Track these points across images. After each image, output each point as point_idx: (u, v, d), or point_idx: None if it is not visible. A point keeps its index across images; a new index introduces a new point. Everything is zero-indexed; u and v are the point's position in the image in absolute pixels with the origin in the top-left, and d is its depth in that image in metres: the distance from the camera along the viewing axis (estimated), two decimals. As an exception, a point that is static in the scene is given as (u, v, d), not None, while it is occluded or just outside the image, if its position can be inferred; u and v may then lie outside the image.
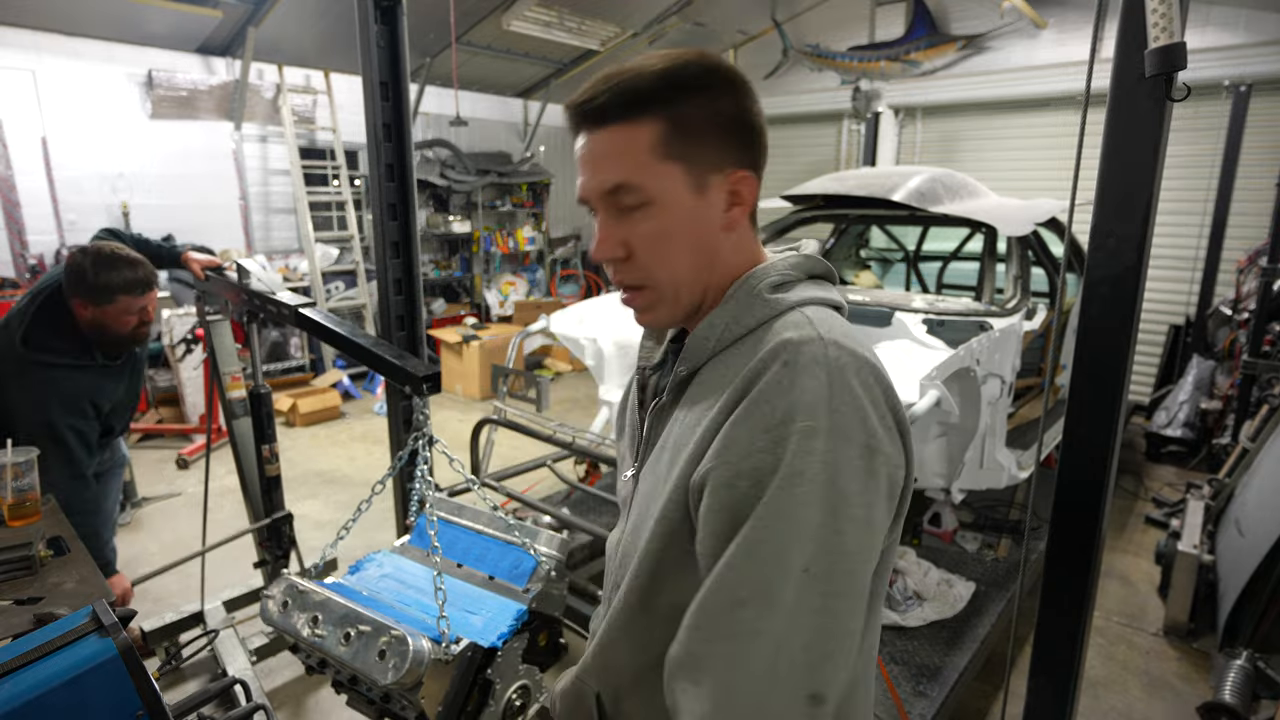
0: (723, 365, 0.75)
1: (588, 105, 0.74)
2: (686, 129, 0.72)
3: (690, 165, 0.73)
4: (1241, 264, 4.84)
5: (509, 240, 8.12)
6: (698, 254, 0.76)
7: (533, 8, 5.95)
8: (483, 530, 1.68)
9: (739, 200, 0.76)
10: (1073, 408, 1.49)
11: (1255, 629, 2.70)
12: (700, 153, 0.73)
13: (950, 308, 2.83)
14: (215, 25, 5.31)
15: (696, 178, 0.73)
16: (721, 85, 0.73)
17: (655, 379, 0.89)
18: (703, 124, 0.72)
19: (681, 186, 0.73)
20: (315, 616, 1.33)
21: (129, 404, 2.38)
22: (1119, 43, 1.31)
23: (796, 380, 0.66)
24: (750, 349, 0.73)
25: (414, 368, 1.67)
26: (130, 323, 2.14)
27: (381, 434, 5.42)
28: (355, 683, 1.35)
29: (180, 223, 5.68)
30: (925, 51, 6.30)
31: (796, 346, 0.68)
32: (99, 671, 0.91)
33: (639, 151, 0.72)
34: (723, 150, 0.74)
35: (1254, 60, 4.99)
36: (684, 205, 0.74)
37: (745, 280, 0.77)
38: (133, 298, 2.10)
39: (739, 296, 0.76)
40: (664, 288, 0.77)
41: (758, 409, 0.67)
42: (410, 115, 2.42)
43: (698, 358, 0.77)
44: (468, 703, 1.35)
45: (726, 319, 0.76)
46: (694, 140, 0.72)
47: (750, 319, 0.75)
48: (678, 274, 0.76)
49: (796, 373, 0.66)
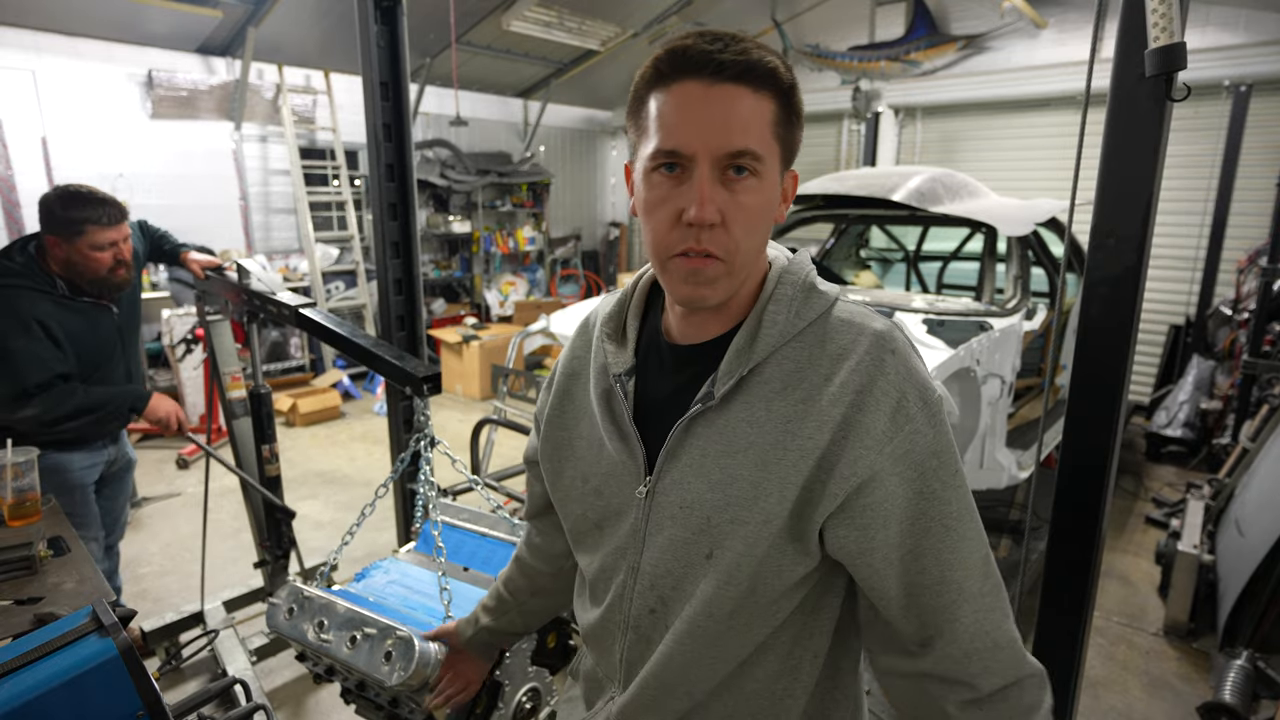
0: (791, 361, 0.76)
1: (726, 55, 0.69)
2: (790, 114, 0.74)
3: (784, 150, 0.75)
4: (1241, 264, 4.84)
5: (509, 240, 8.12)
6: (765, 236, 0.78)
7: (533, 8, 5.95)
8: (488, 533, 1.68)
9: (785, 197, 0.79)
10: (1073, 408, 1.49)
11: (1255, 629, 2.70)
12: (791, 141, 0.76)
13: (950, 308, 2.83)
14: (215, 25, 5.31)
15: (783, 165, 0.76)
16: (798, 90, 0.76)
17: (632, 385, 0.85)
18: (794, 118, 0.75)
19: (777, 167, 0.75)
20: (321, 621, 1.33)
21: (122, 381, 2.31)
22: (1119, 43, 1.31)
23: (907, 364, 0.75)
24: (820, 341, 0.77)
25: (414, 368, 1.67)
26: (103, 260, 2.11)
27: (381, 434, 5.42)
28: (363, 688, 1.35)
29: (180, 223, 5.63)
30: (925, 51, 6.30)
31: (891, 335, 0.76)
32: (99, 671, 0.91)
33: (764, 123, 0.71)
34: (793, 146, 0.77)
35: (1254, 60, 4.99)
36: (775, 186, 0.75)
37: (785, 274, 0.80)
38: (101, 228, 2.08)
39: (790, 292, 0.79)
40: (737, 261, 0.74)
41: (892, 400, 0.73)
42: (410, 115, 2.42)
43: (761, 355, 0.76)
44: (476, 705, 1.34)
45: (788, 314, 0.78)
46: (791, 127, 0.75)
47: (811, 312, 0.78)
48: (752, 250, 0.76)
49: (905, 358, 0.75)
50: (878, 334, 0.75)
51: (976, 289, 3.26)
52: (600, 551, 0.89)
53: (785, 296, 0.78)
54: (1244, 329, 4.35)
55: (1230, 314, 4.83)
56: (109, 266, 2.13)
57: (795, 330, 0.77)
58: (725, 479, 0.76)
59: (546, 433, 0.95)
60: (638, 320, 0.89)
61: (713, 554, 0.77)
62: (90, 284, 2.14)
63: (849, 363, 0.74)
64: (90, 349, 2.19)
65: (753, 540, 0.75)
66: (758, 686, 0.83)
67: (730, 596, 0.77)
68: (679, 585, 0.80)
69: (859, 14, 6.70)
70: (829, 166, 7.27)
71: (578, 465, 0.91)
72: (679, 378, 0.82)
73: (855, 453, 0.72)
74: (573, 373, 0.94)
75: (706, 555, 0.78)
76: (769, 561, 0.76)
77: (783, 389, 0.75)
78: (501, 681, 1.35)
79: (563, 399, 0.94)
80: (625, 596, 0.85)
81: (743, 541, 0.76)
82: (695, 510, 0.78)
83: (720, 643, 0.80)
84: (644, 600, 0.83)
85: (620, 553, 0.85)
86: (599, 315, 0.92)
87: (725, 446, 0.77)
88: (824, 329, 0.77)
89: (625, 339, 0.88)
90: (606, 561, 0.88)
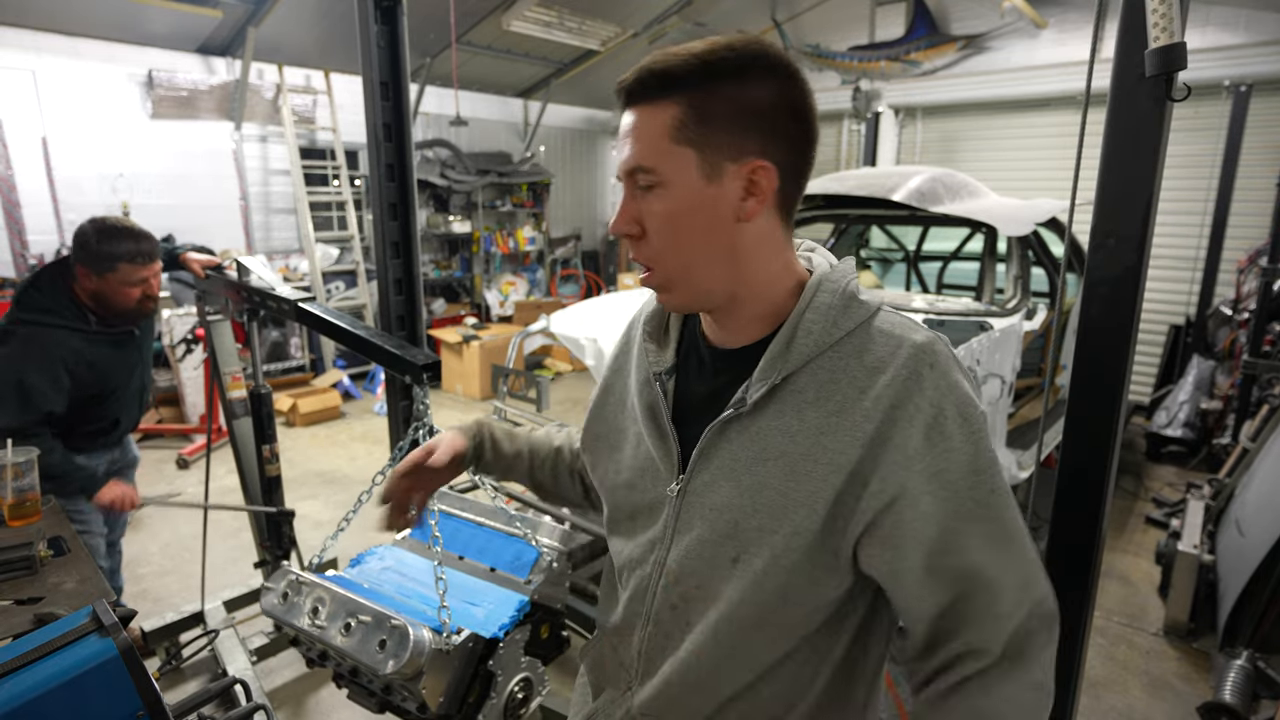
0: (826, 371, 0.75)
1: (623, 84, 0.76)
2: (704, 115, 0.71)
3: (702, 151, 0.72)
4: (1241, 264, 4.84)
5: (509, 240, 8.12)
6: (710, 241, 0.75)
7: (533, 8, 5.95)
8: (484, 522, 1.67)
9: (755, 191, 0.74)
10: (1073, 408, 1.49)
11: (1255, 629, 2.70)
12: (714, 139, 0.72)
13: (950, 308, 2.83)
14: (215, 25, 5.31)
15: (709, 164, 0.73)
16: (760, 72, 0.72)
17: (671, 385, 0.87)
18: (723, 111, 0.71)
19: (693, 172, 0.73)
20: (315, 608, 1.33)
21: (135, 393, 2.35)
22: (1119, 43, 1.31)
23: (948, 378, 0.73)
24: (858, 351, 0.75)
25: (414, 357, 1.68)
26: (132, 295, 2.14)
27: (382, 434, 5.42)
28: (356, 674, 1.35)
29: (180, 223, 5.68)
30: (925, 51, 6.30)
31: (931, 348, 0.74)
32: (99, 671, 0.91)
33: (655, 134, 0.73)
34: (741, 138, 0.72)
35: (1254, 60, 4.99)
36: (694, 190, 0.73)
37: (825, 281, 0.78)
38: (134, 267, 2.10)
39: (828, 300, 0.77)
40: (673, 270, 0.77)
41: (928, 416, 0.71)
42: (410, 115, 2.42)
43: (796, 364, 0.75)
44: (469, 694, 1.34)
45: (825, 324, 0.76)
46: (709, 127, 0.72)
47: (849, 322, 0.76)
48: (687, 258, 0.76)
49: (945, 372, 0.73)
50: (917, 346, 0.73)
51: (976, 289, 3.27)
52: (631, 542, 0.90)
53: (823, 304, 0.76)
54: (1244, 329, 4.35)
55: (1230, 314, 4.83)
56: (137, 300, 2.16)
57: (832, 339, 0.75)
58: (755, 485, 0.76)
59: (587, 424, 0.99)
60: (680, 320, 0.90)
61: (739, 559, 0.78)
62: (117, 316, 2.17)
63: (885, 376, 0.72)
64: (113, 374, 2.23)
65: (780, 551, 0.75)
66: (777, 689, 0.83)
67: (756, 604, 0.77)
68: (703, 585, 0.81)
69: (859, 14, 6.71)
70: (829, 166, 7.27)
71: (614, 458, 0.93)
72: (718, 380, 0.83)
73: (887, 469, 0.71)
74: (617, 368, 0.97)
75: (733, 560, 0.78)
76: (799, 574, 0.75)
77: (816, 399, 0.74)
78: (494, 672, 1.35)
79: (605, 393, 0.97)
80: (649, 589, 0.86)
81: (770, 550, 0.75)
82: (724, 513, 0.78)
83: (744, 649, 0.80)
84: (666, 595, 0.84)
85: (650, 546, 0.86)
86: (642, 314, 0.94)
87: (757, 453, 0.77)
88: (863, 340, 0.75)
89: (667, 339, 0.89)
90: (635, 553, 0.89)
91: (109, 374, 2.20)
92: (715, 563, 0.79)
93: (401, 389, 2.68)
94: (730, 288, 0.78)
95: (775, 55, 0.73)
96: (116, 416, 2.29)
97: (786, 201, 0.77)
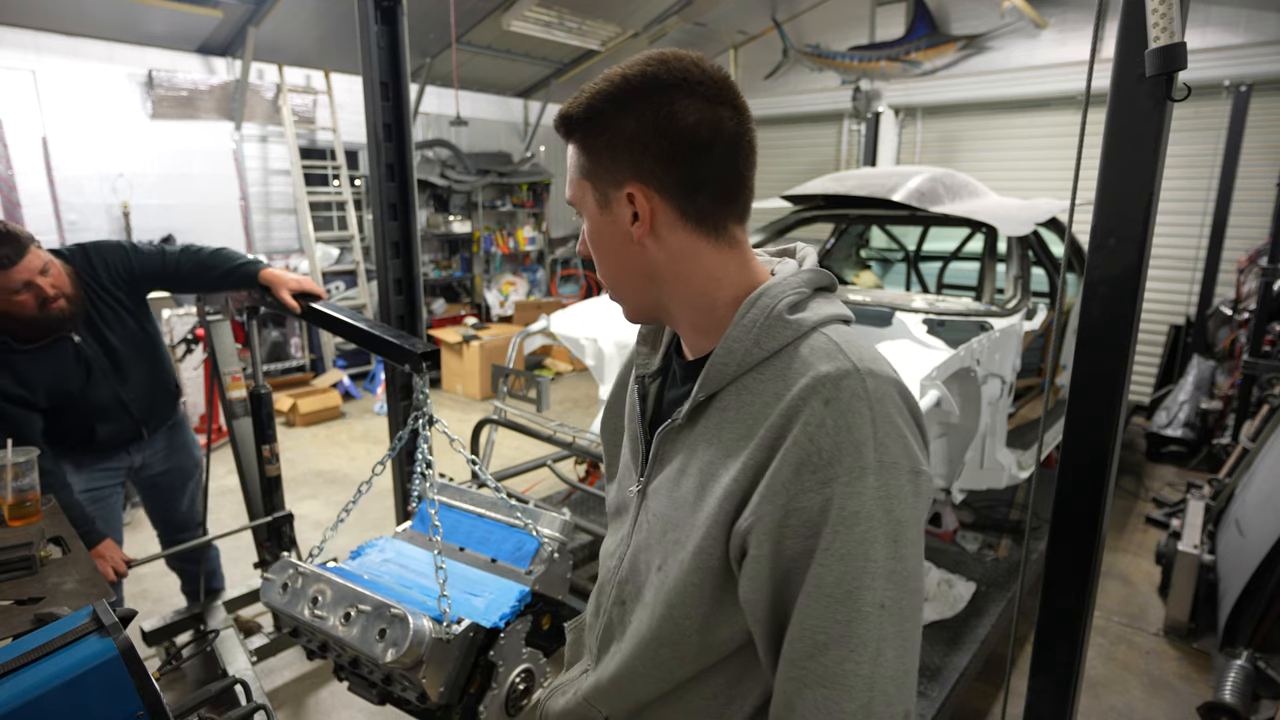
0: (748, 392, 0.73)
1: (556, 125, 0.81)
2: (589, 150, 0.76)
3: (594, 183, 0.77)
4: (1242, 264, 4.84)
5: (509, 240, 8.11)
6: (621, 263, 0.79)
7: (533, 8, 5.95)
8: (485, 514, 1.67)
9: (640, 218, 0.75)
10: (1073, 408, 1.49)
11: (1256, 629, 2.70)
12: (599, 171, 0.76)
13: (950, 308, 2.83)
14: (215, 25, 5.31)
15: (601, 194, 0.77)
16: (633, 99, 0.72)
17: (655, 388, 0.89)
18: (602, 144, 0.75)
19: (593, 203, 0.78)
20: (315, 598, 1.32)
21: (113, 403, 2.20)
22: (1119, 43, 1.31)
23: (841, 419, 0.65)
24: (778, 375, 0.71)
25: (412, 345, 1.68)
26: (24, 302, 1.93)
27: (382, 434, 5.42)
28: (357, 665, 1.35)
29: (180, 223, 5.68)
30: (925, 51, 6.30)
31: (835, 381, 0.67)
32: (99, 671, 0.91)
33: (571, 171, 0.80)
34: (615, 166, 0.75)
35: (1254, 60, 4.99)
36: (597, 219, 0.78)
37: (758, 298, 0.74)
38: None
39: (756, 317, 0.73)
40: (609, 287, 0.84)
41: (803, 451, 0.66)
42: (410, 115, 2.42)
43: (718, 382, 0.75)
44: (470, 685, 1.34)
45: (747, 343, 0.73)
46: (594, 160, 0.76)
47: (772, 342, 0.73)
48: (612, 278, 0.82)
49: (840, 411, 0.66)
50: (819, 377, 0.67)
51: (977, 289, 3.26)
52: (614, 536, 0.94)
53: (749, 322, 0.74)
54: (1244, 329, 4.35)
55: (1230, 314, 4.82)
56: (37, 305, 1.95)
57: (754, 360, 0.73)
58: (679, 499, 0.77)
59: (603, 419, 1.04)
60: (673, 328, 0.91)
61: (661, 568, 0.79)
62: (27, 327, 1.97)
63: (782, 405, 0.69)
64: (59, 386, 2.08)
65: (687, 569, 0.74)
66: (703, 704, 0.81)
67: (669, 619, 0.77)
68: (639, 589, 0.83)
69: (859, 14, 6.70)
70: (829, 166, 7.27)
71: (614, 454, 0.99)
72: (682, 389, 0.84)
73: (757, 498, 0.68)
74: (628, 368, 1.00)
75: (658, 567, 0.80)
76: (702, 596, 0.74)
77: (735, 420, 0.73)
78: (495, 662, 1.35)
79: (617, 391, 1.01)
80: (611, 581, 0.90)
81: (678, 567, 0.75)
82: (658, 520, 0.80)
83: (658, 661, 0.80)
84: (619, 591, 0.88)
85: (621, 541, 0.90)
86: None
87: (684, 466, 0.78)
88: (786, 362, 0.72)
89: (658, 344, 0.92)
90: (611, 546, 0.93)
91: (55, 388, 2.07)
92: (647, 567, 0.82)
93: (402, 388, 2.68)
94: (658, 301, 0.81)
95: (648, 79, 0.72)
96: (91, 426, 2.19)
97: (700, 213, 0.75)
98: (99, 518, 2.22)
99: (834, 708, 0.64)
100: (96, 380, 2.16)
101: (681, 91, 0.71)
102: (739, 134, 0.74)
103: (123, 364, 2.22)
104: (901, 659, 0.65)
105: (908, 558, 0.65)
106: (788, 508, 0.66)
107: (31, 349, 2.02)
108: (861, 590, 0.64)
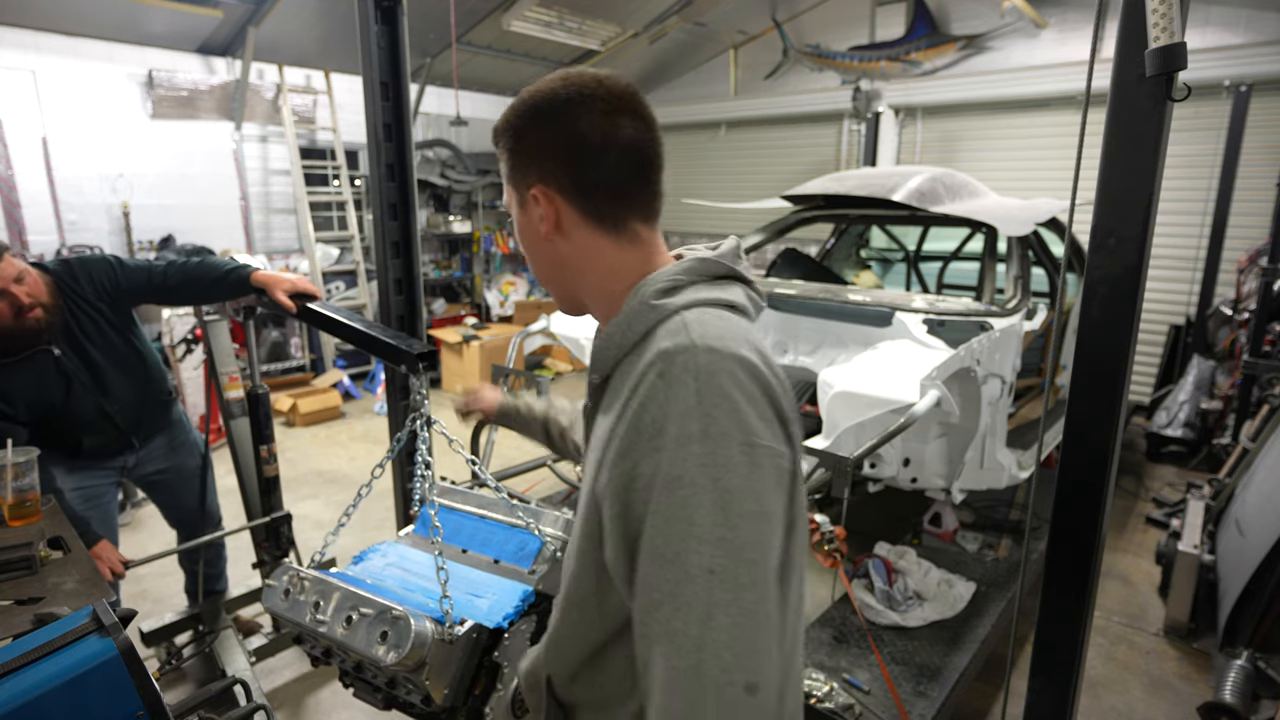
0: (621, 374, 0.79)
1: None
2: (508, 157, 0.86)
3: (512, 186, 0.87)
4: (1242, 264, 4.84)
5: (509, 240, 8.11)
6: (538, 258, 0.89)
7: (533, 8, 5.95)
8: (486, 515, 1.66)
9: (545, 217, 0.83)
10: (1073, 408, 1.49)
11: (1256, 629, 2.70)
12: (514, 175, 0.86)
13: (950, 308, 2.83)
14: (215, 25, 5.31)
15: (518, 195, 0.86)
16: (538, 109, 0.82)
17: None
18: (515, 150, 0.85)
19: (515, 203, 0.88)
20: (317, 602, 1.32)
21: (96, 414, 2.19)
22: (1119, 43, 1.31)
23: (670, 390, 0.70)
24: (640, 356, 0.76)
25: (409, 346, 1.68)
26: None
27: (382, 434, 5.42)
28: (360, 670, 1.35)
29: (180, 223, 5.68)
30: (925, 51, 6.30)
31: (670, 356, 0.71)
32: (99, 671, 0.91)
33: (502, 176, 0.89)
34: (524, 170, 0.84)
35: (1254, 60, 4.98)
36: (518, 219, 0.88)
37: (638, 289, 0.81)
38: None
39: (630, 305, 0.80)
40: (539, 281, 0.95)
41: (637, 419, 0.71)
42: (410, 115, 2.42)
43: (604, 366, 0.82)
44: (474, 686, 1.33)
45: (621, 328, 0.80)
46: (511, 166, 0.86)
47: (640, 325, 0.78)
48: (537, 272, 0.91)
49: (669, 383, 0.70)
50: (659, 353, 0.73)
51: (977, 289, 3.26)
52: None
53: (627, 309, 0.80)
54: (1244, 329, 4.35)
55: (1230, 314, 4.82)
56: (11, 314, 1.94)
57: (630, 343, 0.79)
58: (586, 477, 0.83)
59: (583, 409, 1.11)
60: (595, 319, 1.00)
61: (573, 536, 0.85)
62: (3, 338, 1.96)
63: (631, 380, 0.75)
64: (41, 398, 2.08)
65: (579, 534, 0.82)
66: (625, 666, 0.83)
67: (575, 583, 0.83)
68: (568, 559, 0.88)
69: (859, 14, 6.70)
70: (829, 166, 7.26)
71: None
72: None
73: (607, 465, 0.74)
74: None
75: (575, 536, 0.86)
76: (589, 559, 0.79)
77: (612, 400, 0.79)
78: (500, 663, 1.34)
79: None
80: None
81: (576, 541, 0.82)
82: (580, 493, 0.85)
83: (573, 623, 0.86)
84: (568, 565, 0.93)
85: None
86: None
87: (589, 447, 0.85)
88: (649, 344, 0.76)
89: None
90: None
91: (36, 400, 2.06)
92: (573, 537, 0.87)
93: (401, 388, 2.68)
94: (572, 294, 0.90)
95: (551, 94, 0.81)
96: (76, 439, 2.18)
97: (599, 211, 0.82)
98: (94, 518, 2.22)
99: (669, 665, 0.67)
100: (77, 393, 2.14)
101: (576, 103, 0.80)
102: (639, 141, 0.82)
103: (104, 377, 2.19)
104: (739, 628, 0.65)
105: (742, 528, 0.67)
106: (631, 473, 0.71)
107: (10, 362, 2.01)
108: (688, 553, 0.66)
